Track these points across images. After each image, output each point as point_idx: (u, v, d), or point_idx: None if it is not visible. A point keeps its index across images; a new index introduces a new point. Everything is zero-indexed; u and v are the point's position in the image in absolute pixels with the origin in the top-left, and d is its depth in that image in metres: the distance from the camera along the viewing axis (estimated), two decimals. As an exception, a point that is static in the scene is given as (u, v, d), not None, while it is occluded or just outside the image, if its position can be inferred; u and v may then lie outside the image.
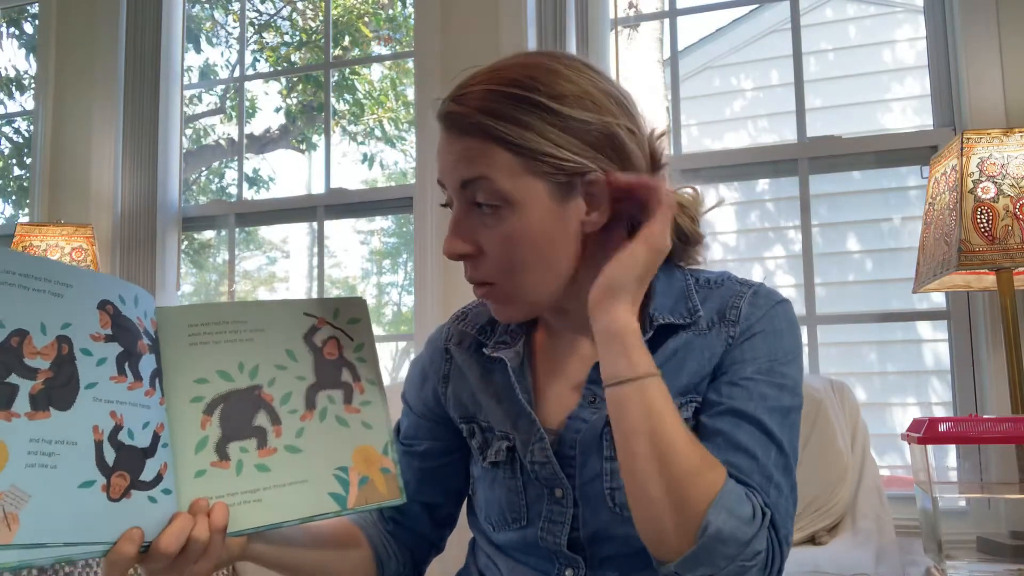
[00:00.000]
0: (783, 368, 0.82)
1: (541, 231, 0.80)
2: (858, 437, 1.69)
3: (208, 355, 0.79)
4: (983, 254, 1.52)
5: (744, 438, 0.78)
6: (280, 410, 0.80)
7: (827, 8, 4.48)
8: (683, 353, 0.83)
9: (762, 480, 0.76)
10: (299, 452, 0.79)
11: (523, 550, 0.88)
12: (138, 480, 0.69)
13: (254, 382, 0.80)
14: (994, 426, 1.29)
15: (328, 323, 0.85)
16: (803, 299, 2.12)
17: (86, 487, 0.65)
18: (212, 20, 5.64)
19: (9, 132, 4.97)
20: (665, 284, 0.87)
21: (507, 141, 0.78)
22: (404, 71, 5.83)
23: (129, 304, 0.74)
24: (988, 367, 1.84)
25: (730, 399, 0.80)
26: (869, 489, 1.64)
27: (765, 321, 0.84)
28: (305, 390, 0.82)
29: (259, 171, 6.00)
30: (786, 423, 0.80)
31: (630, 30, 3.16)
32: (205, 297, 5.99)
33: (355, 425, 0.83)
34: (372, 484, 0.81)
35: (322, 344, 0.84)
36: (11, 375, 0.64)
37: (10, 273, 0.66)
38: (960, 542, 1.46)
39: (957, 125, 1.95)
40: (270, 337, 0.82)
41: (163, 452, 0.72)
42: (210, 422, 0.77)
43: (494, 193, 0.79)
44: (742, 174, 2.33)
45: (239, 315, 0.81)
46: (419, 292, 2.28)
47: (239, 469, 0.76)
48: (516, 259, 0.81)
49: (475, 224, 0.81)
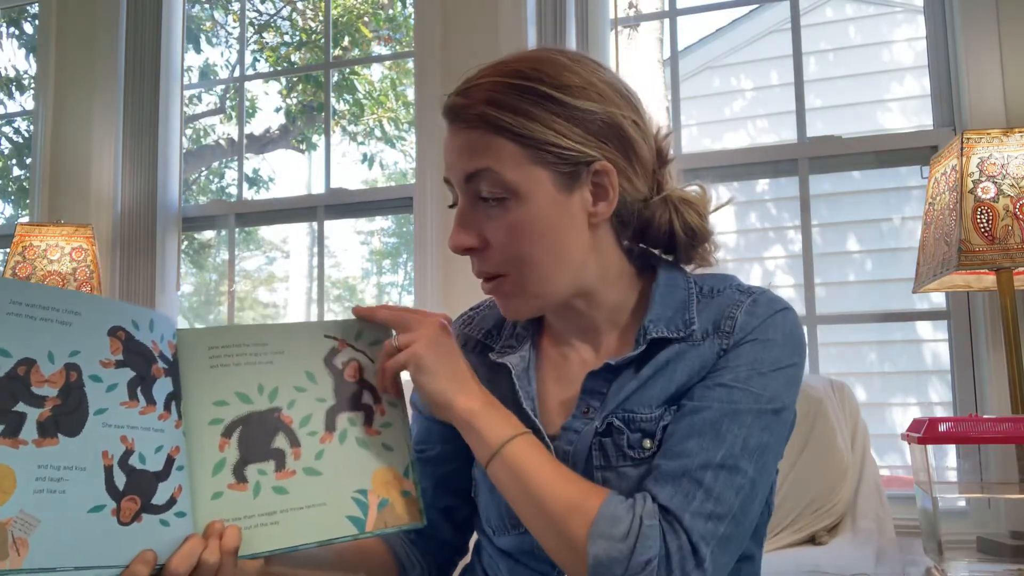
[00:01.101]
0: (762, 378, 0.79)
1: (547, 222, 0.80)
2: (858, 437, 1.69)
3: (228, 377, 0.79)
4: (983, 254, 1.52)
5: (692, 444, 0.76)
6: (299, 432, 0.80)
7: (827, 8, 4.48)
8: (674, 363, 0.82)
9: (677, 482, 0.75)
10: (318, 475, 0.79)
11: (522, 554, 0.88)
12: (150, 504, 0.70)
13: (273, 404, 0.80)
14: (994, 426, 1.29)
15: (349, 345, 0.84)
16: (803, 299, 2.12)
17: (96, 511, 0.66)
18: (212, 20, 5.64)
19: (9, 132, 4.97)
20: (665, 292, 0.86)
21: (511, 131, 0.78)
22: (404, 71, 5.83)
23: (143, 329, 0.75)
24: (988, 367, 1.84)
25: (697, 401, 0.79)
26: (869, 489, 1.64)
27: (761, 331, 0.82)
28: (325, 412, 0.81)
29: (259, 171, 6.00)
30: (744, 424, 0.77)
31: (630, 30, 3.16)
32: (204, 297, 5.99)
33: (375, 447, 0.82)
34: (392, 507, 0.80)
35: (343, 366, 0.84)
36: (18, 403, 0.65)
37: (16, 304, 0.67)
38: (960, 542, 1.46)
39: (957, 125, 1.95)
40: (290, 359, 0.82)
41: (178, 475, 0.73)
42: (228, 444, 0.77)
43: (499, 184, 0.79)
44: (742, 174, 2.33)
45: (260, 337, 0.82)
46: (419, 292, 2.28)
47: (256, 491, 0.76)
48: (523, 250, 0.80)
49: (480, 217, 0.81)
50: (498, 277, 0.83)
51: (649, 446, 0.81)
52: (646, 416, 0.81)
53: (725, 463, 0.76)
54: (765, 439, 0.78)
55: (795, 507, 1.60)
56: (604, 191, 0.81)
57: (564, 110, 0.78)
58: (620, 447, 0.81)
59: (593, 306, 0.87)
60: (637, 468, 0.81)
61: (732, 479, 0.75)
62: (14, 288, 0.68)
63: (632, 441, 0.81)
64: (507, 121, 0.78)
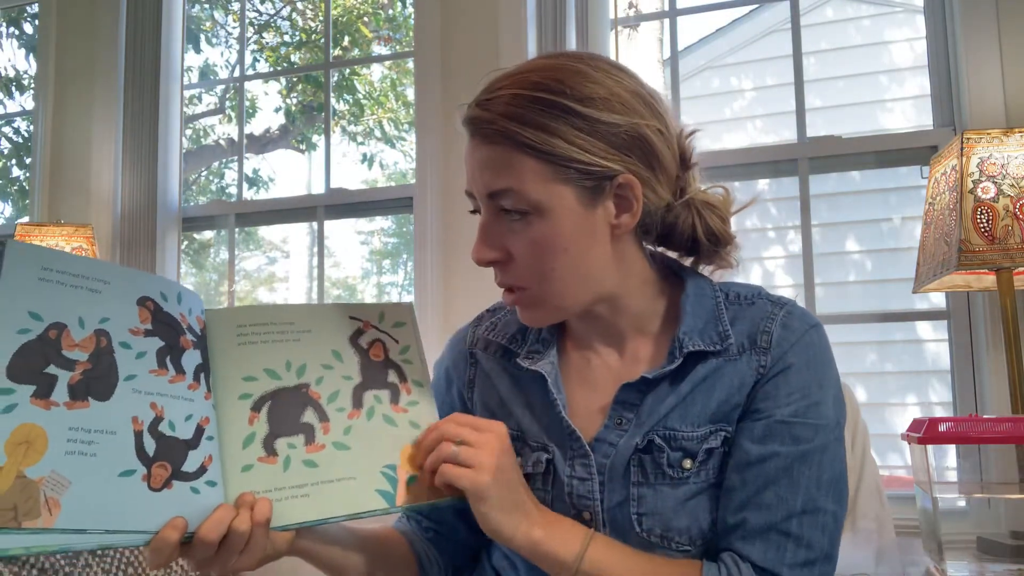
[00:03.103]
0: (818, 408, 0.80)
1: (570, 236, 0.79)
2: (858, 437, 1.69)
3: (256, 354, 0.80)
4: (983, 254, 1.52)
5: (769, 495, 0.78)
6: (328, 408, 0.80)
7: (827, 8, 4.48)
8: (712, 379, 0.82)
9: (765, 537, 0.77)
10: (347, 449, 0.79)
11: None
12: (180, 471, 0.70)
13: (301, 380, 0.80)
14: (994, 426, 1.29)
15: (373, 327, 0.86)
16: (803, 299, 2.12)
17: (126, 476, 0.66)
18: (212, 20, 5.64)
19: (9, 132, 4.97)
20: (695, 303, 0.85)
21: (534, 148, 0.76)
22: (404, 71, 5.83)
23: (171, 301, 0.76)
24: (988, 367, 1.84)
25: (760, 444, 0.79)
26: (869, 489, 1.63)
27: (800, 351, 0.82)
28: (352, 389, 0.82)
29: (259, 171, 6.00)
30: (814, 463, 0.79)
31: (630, 30, 3.16)
32: (204, 297, 5.98)
33: (402, 424, 0.82)
34: (420, 483, 0.80)
35: (368, 346, 0.85)
36: (50, 366, 0.66)
37: (48, 270, 0.68)
38: (960, 542, 1.46)
39: (957, 125, 1.95)
40: (317, 338, 0.83)
41: (208, 445, 0.73)
42: (258, 418, 0.77)
43: (522, 201, 0.78)
44: (742, 174, 2.32)
45: (286, 317, 0.82)
46: (419, 292, 2.28)
47: (286, 465, 0.76)
48: (546, 266, 0.80)
49: (503, 230, 0.81)
50: (520, 289, 0.83)
51: (689, 466, 0.81)
52: (688, 435, 0.81)
53: (807, 508, 0.77)
54: (836, 469, 0.80)
55: (795, 507, 1.60)
56: (628, 203, 0.80)
57: (587, 124, 0.77)
58: (659, 465, 0.81)
59: (616, 312, 0.87)
60: (675, 488, 0.81)
61: (816, 520, 0.77)
62: (46, 255, 0.69)
63: (672, 460, 0.81)
64: (529, 138, 0.76)
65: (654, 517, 0.81)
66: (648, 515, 0.81)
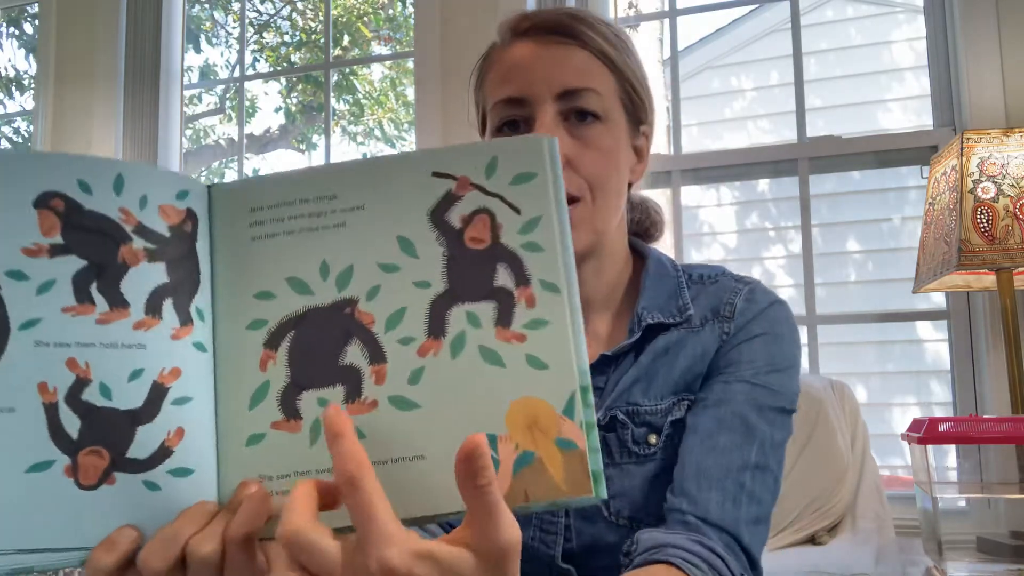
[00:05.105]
0: (780, 375, 0.80)
1: (622, 155, 0.82)
2: (858, 437, 1.69)
3: (277, 254, 0.51)
4: (983, 254, 1.52)
5: (724, 439, 0.76)
6: (384, 339, 0.49)
7: (827, 8, 4.48)
8: (675, 351, 0.82)
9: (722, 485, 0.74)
10: (415, 408, 0.48)
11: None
12: (124, 458, 0.47)
13: (344, 295, 0.50)
14: (994, 426, 1.29)
15: (475, 186, 0.50)
16: (803, 299, 2.12)
17: (38, 471, 0.45)
18: (212, 20, 5.64)
19: (9, 132, 4.97)
20: (655, 280, 0.86)
21: (614, 63, 0.81)
22: (404, 71, 5.83)
23: (102, 191, 0.48)
24: (988, 367, 1.84)
25: (719, 394, 0.78)
26: (869, 489, 1.64)
27: (764, 322, 0.82)
28: (429, 305, 0.49)
29: (259, 171, 6.00)
30: (768, 421, 0.78)
31: (630, 30, 3.16)
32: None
33: (515, 363, 0.48)
34: (540, 466, 0.46)
35: (463, 223, 0.50)
36: None
37: None
38: (960, 542, 1.46)
39: (957, 125, 1.95)
40: (373, 218, 0.50)
41: (176, 412, 0.48)
42: (274, 360, 0.50)
43: (600, 105, 0.80)
44: (742, 174, 2.33)
45: (326, 187, 0.51)
46: (419, 292, 2.28)
47: (315, 435, 0.49)
48: (604, 175, 0.79)
49: (563, 135, 0.79)
50: (574, 201, 0.79)
51: (654, 442, 0.79)
52: (651, 408, 0.80)
53: (759, 463, 0.76)
54: (783, 439, 0.79)
55: (795, 507, 1.60)
56: (642, 155, 0.85)
57: (641, 71, 0.83)
58: (624, 442, 0.80)
59: (597, 274, 0.85)
60: (641, 466, 0.79)
61: (765, 479, 0.76)
62: None
63: (637, 436, 0.80)
64: (612, 52, 0.80)
65: (622, 499, 0.79)
66: (615, 497, 0.79)
